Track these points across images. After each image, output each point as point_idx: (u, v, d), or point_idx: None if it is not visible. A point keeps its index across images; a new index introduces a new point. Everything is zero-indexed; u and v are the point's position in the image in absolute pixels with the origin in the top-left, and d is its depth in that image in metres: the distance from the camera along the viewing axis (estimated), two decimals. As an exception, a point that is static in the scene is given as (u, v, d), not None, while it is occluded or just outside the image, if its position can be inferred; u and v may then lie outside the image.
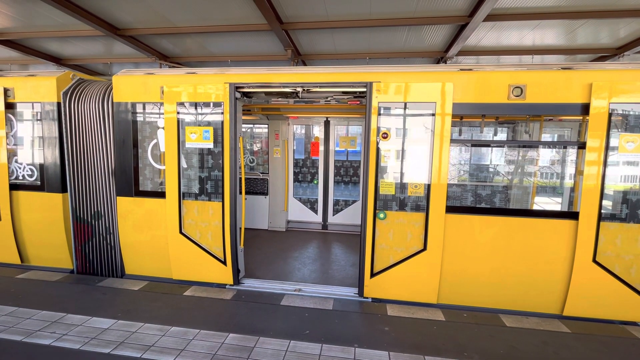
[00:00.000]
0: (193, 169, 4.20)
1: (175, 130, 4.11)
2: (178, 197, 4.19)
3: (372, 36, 6.29)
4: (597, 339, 3.22)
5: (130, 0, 5.18)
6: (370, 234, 3.87)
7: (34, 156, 4.65)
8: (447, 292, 3.86)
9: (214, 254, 4.23)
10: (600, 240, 3.50)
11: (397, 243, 3.86)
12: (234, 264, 4.20)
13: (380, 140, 3.77)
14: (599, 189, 3.45)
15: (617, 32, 5.82)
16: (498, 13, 5.16)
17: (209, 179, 4.16)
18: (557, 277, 3.64)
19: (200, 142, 4.10)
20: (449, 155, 3.68)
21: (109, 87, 4.41)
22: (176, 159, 4.14)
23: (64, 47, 7.48)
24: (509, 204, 5.97)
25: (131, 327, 3.23)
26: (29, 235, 4.75)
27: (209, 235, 4.22)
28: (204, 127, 4.07)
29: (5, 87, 4.55)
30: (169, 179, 4.19)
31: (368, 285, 3.96)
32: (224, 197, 4.11)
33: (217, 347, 2.95)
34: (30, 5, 5.37)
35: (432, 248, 3.76)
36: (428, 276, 3.82)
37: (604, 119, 3.40)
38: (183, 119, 4.12)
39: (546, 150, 6.88)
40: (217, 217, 4.16)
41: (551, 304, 3.71)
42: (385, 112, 3.77)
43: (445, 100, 3.62)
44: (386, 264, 3.90)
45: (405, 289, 3.91)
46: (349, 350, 2.94)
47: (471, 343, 3.10)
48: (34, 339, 3.01)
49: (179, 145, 4.13)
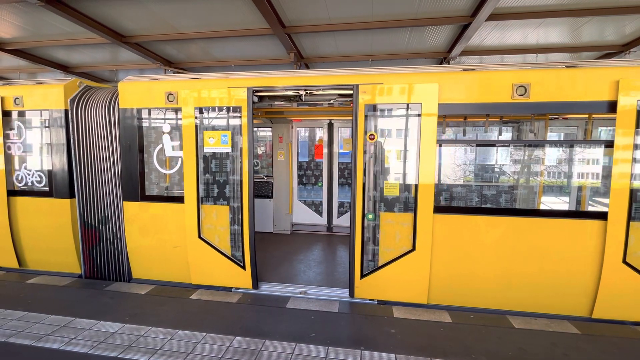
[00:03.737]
0: (211, 174, 4.20)
1: (193, 135, 4.10)
2: (197, 202, 4.18)
3: (374, 38, 6.30)
4: (607, 340, 3.17)
5: (135, 8, 5.26)
6: (359, 235, 3.88)
7: (43, 163, 4.73)
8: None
9: (233, 259, 4.22)
10: (630, 241, 3.41)
11: (386, 244, 3.87)
12: (253, 269, 4.18)
13: (367, 141, 3.80)
14: (629, 188, 3.37)
15: (623, 29, 5.76)
16: (501, 12, 5.13)
17: (227, 183, 4.16)
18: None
19: (219, 147, 4.09)
20: (435, 155, 3.69)
21: (115, 93, 4.47)
22: (194, 164, 4.13)
23: (71, 55, 7.62)
24: (515, 203, 5.91)
25: (139, 331, 3.26)
26: (37, 241, 4.82)
27: (227, 240, 4.21)
28: (222, 131, 4.07)
29: (15, 96, 4.65)
30: (188, 184, 4.17)
31: (359, 286, 3.97)
32: (242, 201, 4.09)
33: (224, 351, 2.96)
34: (38, 15, 5.48)
35: (420, 248, 3.77)
36: (417, 276, 3.82)
37: (632, 116, 3.32)
38: (201, 123, 4.12)
39: (552, 150, 6.79)
40: (236, 221, 4.15)
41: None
42: (372, 114, 3.80)
43: (431, 101, 3.64)
44: (376, 265, 3.92)
45: (396, 289, 3.91)
46: (356, 353, 2.93)
47: (478, 345, 3.07)
48: (43, 343, 3.05)
49: (197, 150, 4.12)
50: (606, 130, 5.80)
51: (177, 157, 4.30)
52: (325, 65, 7.87)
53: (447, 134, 6.00)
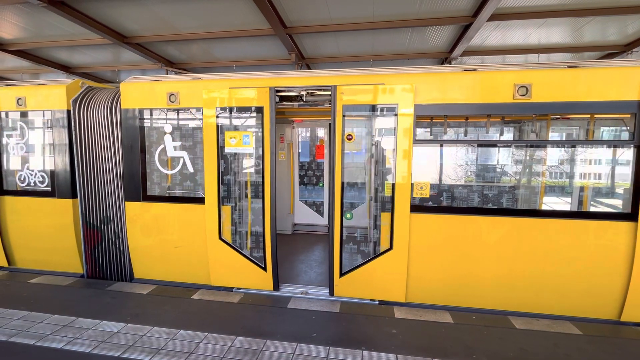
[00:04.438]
0: (232, 175, 4.18)
1: (215, 136, 4.06)
2: (217, 203, 4.14)
3: (375, 38, 6.30)
4: (610, 341, 3.16)
5: (137, 9, 5.28)
6: (337, 234, 3.92)
7: (45, 163, 4.75)
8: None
9: (253, 260, 4.19)
10: None
11: (364, 242, 3.93)
12: (274, 270, 4.15)
13: (346, 141, 3.84)
14: None
15: (625, 29, 5.74)
16: (502, 12, 5.13)
17: (248, 184, 4.14)
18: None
19: (240, 147, 4.07)
20: (411, 155, 3.71)
21: (117, 94, 4.49)
22: (215, 165, 4.10)
23: (73, 55, 7.65)
24: (517, 204, 5.88)
25: (140, 331, 3.27)
26: (39, 241, 4.84)
27: (248, 241, 4.19)
28: (243, 131, 4.06)
29: (18, 96, 4.68)
30: (208, 185, 4.14)
31: (338, 284, 4.01)
32: (264, 201, 4.06)
33: (225, 351, 2.96)
34: (40, 15, 5.51)
35: (398, 247, 3.80)
36: (395, 275, 3.86)
37: None
38: (222, 123, 4.09)
39: (554, 150, 6.75)
40: (258, 222, 4.13)
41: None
42: (349, 114, 3.83)
43: (406, 102, 3.66)
44: (355, 263, 3.96)
45: (374, 288, 3.94)
46: (357, 353, 2.93)
47: (480, 345, 3.07)
48: (45, 342, 3.06)
49: (218, 151, 4.09)
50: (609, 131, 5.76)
51: (179, 157, 4.31)
52: (326, 65, 7.87)
53: (449, 135, 5.98)
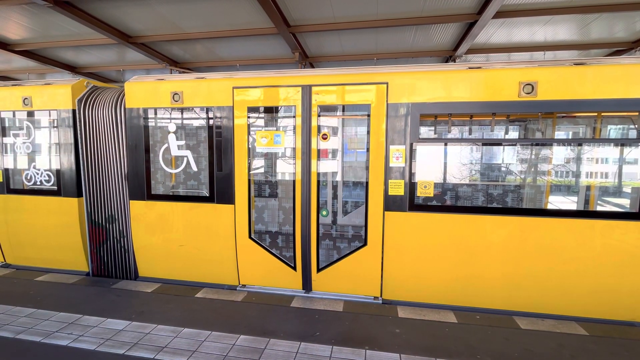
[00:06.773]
0: (263, 174, 4.21)
1: (245, 135, 4.06)
2: (248, 203, 4.14)
3: (379, 37, 6.28)
4: (616, 341, 3.12)
5: (142, 9, 5.31)
6: (314, 230, 4.01)
7: (51, 162, 4.80)
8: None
9: (283, 259, 4.17)
10: None
11: (341, 239, 4.01)
12: (304, 270, 4.14)
13: (320, 140, 3.86)
14: None
15: (633, 26, 5.66)
16: (508, 9, 5.09)
17: (279, 184, 4.15)
18: (622, 282, 3.45)
19: (272, 147, 4.07)
20: (383, 154, 3.77)
21: (122, 93, 4.51)
22: (246, 164, 4.10)
23: (79, 55, 7.71)
24: (521, 203, 5.82)
25: (145, 329, 3.29)
26: (45, 239, 4.89)
27: (278, 240, 4.18)
28: (275, 131, 4.05)
29: (24, 96, 4.72)
30: (239, 185, 4.14)
31: (315, 279, 4.05)
32: (295, 201, 4.07)
33: (229, 349, 2.97)
34: (46, 16, 5.56)
35: (372, 243, 3.86)
36: (370, 270, 3.91)
37: None
38: (252, 123, 4.09)
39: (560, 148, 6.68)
40: (288, 221, 4.14)
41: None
42: (324, 114, 3.85)
43: (379, 101, 3.67)
44: (331, 259, 4.04)
45: (350, 283, 3.99)
46: (360, 353, 2.93)
47: (484, 346, 3.05)
48: (52, 339, 3.10)
49: (248, 150, 4.08)
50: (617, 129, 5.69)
51: (183, 156, 4.33)
52: (330, 64, 7.86)
53: (453, 133, 5.94)
